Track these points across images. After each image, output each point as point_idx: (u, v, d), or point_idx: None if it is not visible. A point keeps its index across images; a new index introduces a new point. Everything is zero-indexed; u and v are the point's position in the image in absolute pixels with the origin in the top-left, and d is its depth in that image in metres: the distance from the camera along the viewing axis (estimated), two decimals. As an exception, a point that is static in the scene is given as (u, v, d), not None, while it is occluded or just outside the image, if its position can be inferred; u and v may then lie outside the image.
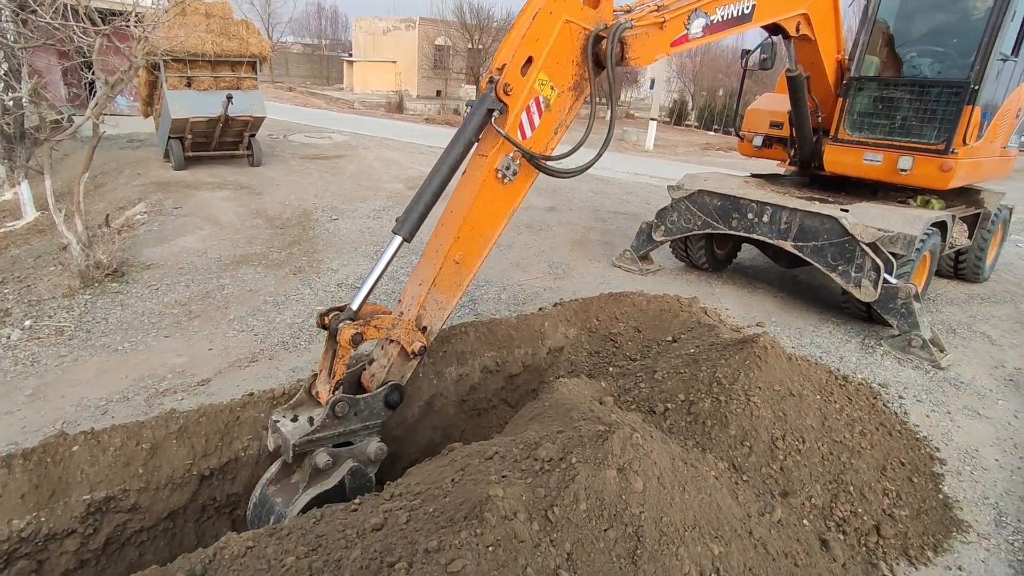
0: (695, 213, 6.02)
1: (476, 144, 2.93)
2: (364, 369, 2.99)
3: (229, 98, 9.75)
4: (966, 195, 6.67)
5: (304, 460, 2.72)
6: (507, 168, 2.93)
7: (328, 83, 45.22)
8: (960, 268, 7.09)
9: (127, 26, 5.50)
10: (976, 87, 5.17)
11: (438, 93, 39.21)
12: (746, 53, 6.40)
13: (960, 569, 2.82)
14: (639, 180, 13.18)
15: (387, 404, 2.82)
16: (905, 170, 5.51)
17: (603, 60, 3.05)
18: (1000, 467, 3.63)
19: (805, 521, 2.77)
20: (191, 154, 10.30)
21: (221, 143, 10.70)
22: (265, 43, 10.70)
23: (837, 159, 5.94)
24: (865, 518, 2.96)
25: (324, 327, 2.70)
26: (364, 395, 2.77)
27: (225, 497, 3.24)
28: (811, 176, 6.63)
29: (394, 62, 39.66)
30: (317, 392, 2.77)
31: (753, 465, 2.93)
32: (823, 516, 2.88)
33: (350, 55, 43.69)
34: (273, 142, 13.78)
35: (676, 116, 36.86)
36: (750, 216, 5.61)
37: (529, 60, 2.85)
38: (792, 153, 6.42)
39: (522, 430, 2.77)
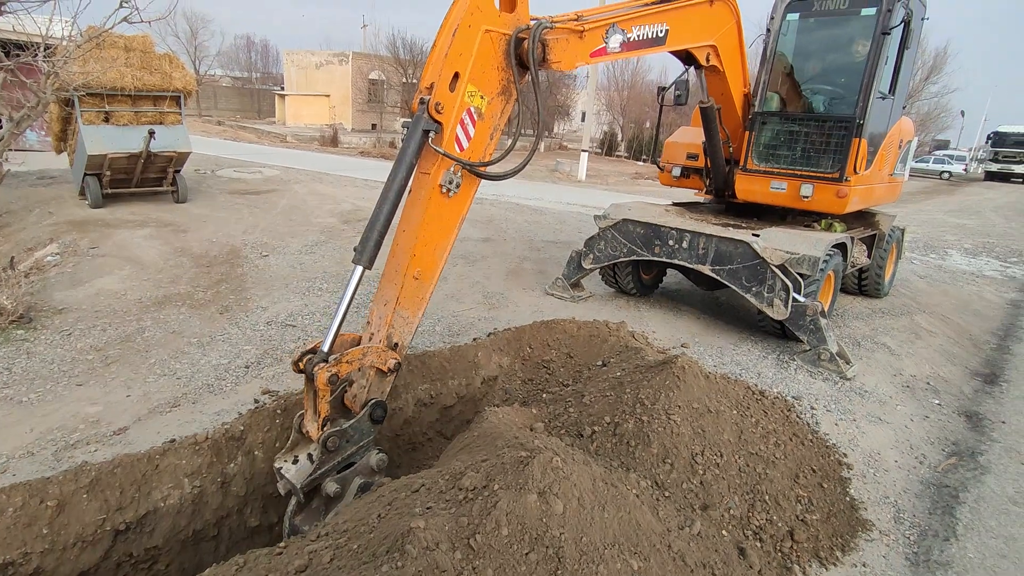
0: (621, 241, 6.30)
1: (417, 163, 3.05)
2: (345, 392, 3.06)
3: (151, 133, 9.45)
4: (863, 218, 7.29)
5: (319, 487, 2.87)
6: (450, 182, 3.09)
7: (259, 117, 44.40)
8: (863, 285, 7.69)
9: (34, 61, 5.29)
10: (861, 121, 5.72)
11: (373, 126, 39.20)
12: (662, 90, 6.83)
13: (865, 566, 3.03)
14: (572, 209, 13.58)
15: (373, 421, 2.98)
16: (807, 197, 5.99)
17: (526, 60, 3.20)
18: (899, 467, 3.93)
19: (724, 532, 2.92)
20: (110, 191, 9.85)
21: (143, 179, 10.30)
22: (190, 77, 10.47)
23: (747, 187, 6.38)
24: (780, 525, 3.14)
25: (301, 371, 2.82)
26: (351, 421, 2.91)
27: (143, 551, 3.09)
28: (727, 203, 7.07)
29: (327, 96, 39.46)
30: (307, 431, 2.87)
31: (674, 481, 3.07)
32: (741, 525, 3.04)
33: (282, 88, 43.15)
34: (200, 177, 13.36)
35: (607, 147, 38.30)
36: (671, 243, 5.92)
37: (456, 75, 2.99)
38: (708, 182, 6.85)
39: (451, 461, 2.80)
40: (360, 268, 2.85)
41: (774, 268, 5.33)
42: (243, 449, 3.64)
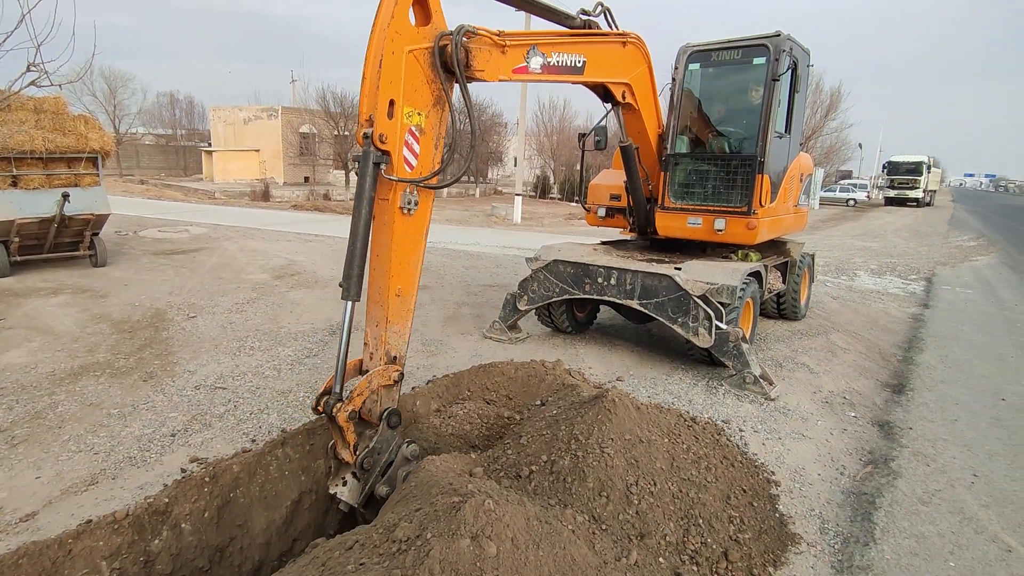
0: (553, 281, 6.49)
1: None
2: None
3: (65, 196, 9.09)
4: (775, 247, 7.83)
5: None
6: (409, 202, 3.30)
7: (186, 174, 43.24)
8: (782, 309, 8.19)
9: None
10: (762, 159, 6.22)
11: (306, 179, 38.83)
12: (583, 136, 7.22)
13: (795, 579, 3.17)
14: (508, 253, 13.84)
15: (390, 427, 3.36)
16: (721, 230, 6.40)
17: (451, 65, 3.34)
18: (822, 480, 4.16)
19: (661, 559, 3.00)
20: (19, 258, 9.32)
21: (58, 244, 9.83)
22: (108, 137, 10.20)
23: (667, 224, 6.76)
24: (714, 547, 3.25)
25: (321, 413, 3.14)
26: (375, 438, 3.27)
27: (53, 650, 2.85)
28: (650, 240, 7.44)
29: (257, 151, 38.95)
30: (343, 457, 3.25)
31: (611, 513, 3.14)
32: (677, 551, 3.12)
33: (209, 145, 42.27)
34: (121, 239, 12.84)
35: (540, 190, 39.39)
36: (600, 280, 6.15)
37: (391, 102, 3.12)
38: (631, 221, 7.20)
39: (387, 514, 2.77)
40: (350, 303, 3.10)
41: (696, 299, 5.62)
42: (168, 523, 3.44)
